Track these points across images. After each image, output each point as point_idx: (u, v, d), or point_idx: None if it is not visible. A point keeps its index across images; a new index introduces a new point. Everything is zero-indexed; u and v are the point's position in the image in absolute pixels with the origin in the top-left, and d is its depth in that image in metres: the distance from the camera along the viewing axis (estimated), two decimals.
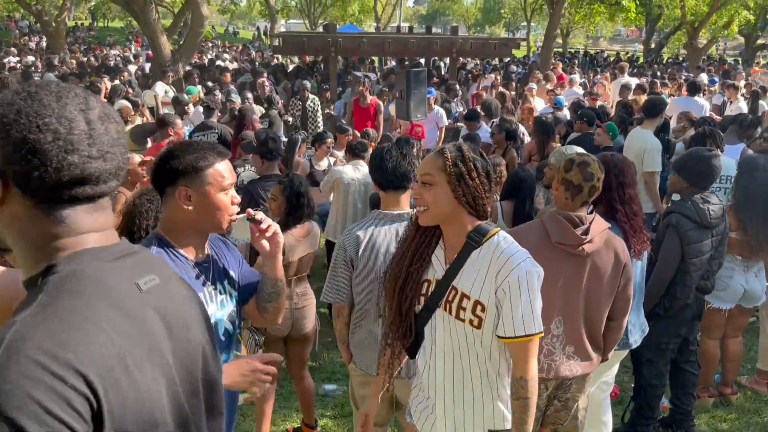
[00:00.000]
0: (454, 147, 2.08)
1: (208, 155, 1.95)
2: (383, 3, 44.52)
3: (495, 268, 2.03)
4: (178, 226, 1.99)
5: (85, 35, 35.44)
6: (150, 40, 13.29)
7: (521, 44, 28.27)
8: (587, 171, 2.75)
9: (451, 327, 2.12)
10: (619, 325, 2.94)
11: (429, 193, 2.04)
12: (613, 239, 2.84)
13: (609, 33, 53.82)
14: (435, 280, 2.15)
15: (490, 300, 2.03)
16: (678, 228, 3.60)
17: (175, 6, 21.96)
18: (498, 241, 2.08)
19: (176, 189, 1.93)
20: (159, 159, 1.99)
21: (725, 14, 21.70)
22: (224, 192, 1.97)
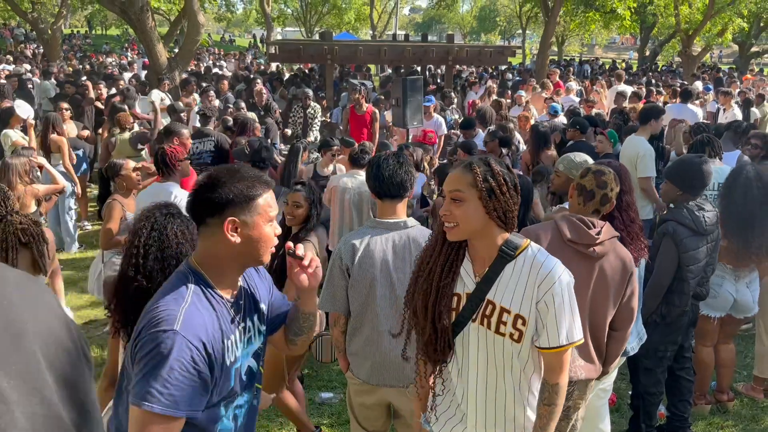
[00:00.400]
0: (482, 161, 2.05)
1: (257, 184, 1.84)
2: (379, 11, 44.64)
3: (535, 282, 2.04)
4: (218, 260, 1.86)
5: (81, 43, 35.47)
6: (146, 48, 13.29)
7: (517, 52, 28.38)
8: (601, 179, 2.83)
9: (488, 341, 2.10)
10: (622, 336, 2.96)
11: (459, 209, 2.01)
12: (621, 249, 2.88)
13: (604, 41, 54.02)
14: (465, 293, 2.12)
15: (531, 313, 2.05)
16: (675, 236, 3.61)
17: (171, 14, 22.01)
18: (534, 254, 2.09)
19: (223, 220, 1.79)
20: (198, 186, 1.84)
21: (719, 22, 21.80)
22: (270, 224, 1.88)
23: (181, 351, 1.67)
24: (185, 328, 1.70)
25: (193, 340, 1.70)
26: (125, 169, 4.82)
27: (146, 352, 1.69)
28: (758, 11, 23.16)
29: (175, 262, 2.34)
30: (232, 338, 1.87)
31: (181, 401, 1.67)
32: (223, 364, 1.82)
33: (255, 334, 2.01)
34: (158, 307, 1.76)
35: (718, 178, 4.82)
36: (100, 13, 35.03)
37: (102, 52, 29.49)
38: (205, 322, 1.77)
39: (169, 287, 1.83)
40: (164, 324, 1.70)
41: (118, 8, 12.80)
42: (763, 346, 4.56)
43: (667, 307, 3.69)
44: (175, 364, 1.66)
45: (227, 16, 43.84)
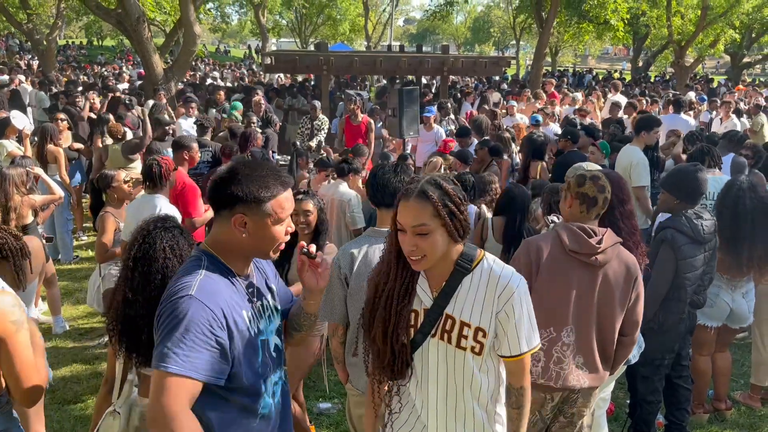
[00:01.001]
0: (432, 185, 1.98)
1: (272, 184, 1.87)
2: (374, 22, 44.84)
3: (494, 293, 2.05)
4: (226, 246, 1.91)
5: (76, 54, 35.47)
6: (142, 59, 13.31)
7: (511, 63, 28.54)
8: (600, 183, 2.86)
9: (448, 355, 2.10)
10: (631, 341, 2.98)
11: (426, 242, 1.96)
12: (625, 254, 2.90)
13: (597, 51, 54.39)
14: (423, 309, 2.10)
15: (491, 325, 2.05)
16: (673, 243, 3.63)
17: (167, 25, 22.04)
18: (490, 265, 2.09)
19: (233, 214, 1.85)
20: (219, 177, 1.91)
21: (711, 33, 22.00)
22: (280, 223, 1.91)
23: (197, 313, 1.71)
24: (201, 293, 1.75)
25: (209, 304, 1.74)
26: (116, 181, 4.81)
27: (164, 318, 1.73)
28: (750, 22, 23.38)
29: (160, 277, 2.35)
30: (251, 311, 1.91)
31: (199, 364, 1.69)
32: (248, 333, 1.86)
33: (273, 312, 2.05)
34: (174, 282, 1.82)
35: (717, 188, 4.85)
36: (95, 24, 35.02)
37: (97, 62, 29.49)
38: (221, 290, 1.82)
39: (183, 268, 1.90)
40: (180, 292, 1.76)
41: (114, 19, 12.83)
42: (759, 354, 4.58)
43: (664, 314, 3.71)
44: (191, 326, 1.69)
45: (222, 27, 44.03)
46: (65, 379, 4.90)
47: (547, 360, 2.83)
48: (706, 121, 12.04)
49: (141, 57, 13.37)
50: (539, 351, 2.79)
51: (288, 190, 1.92)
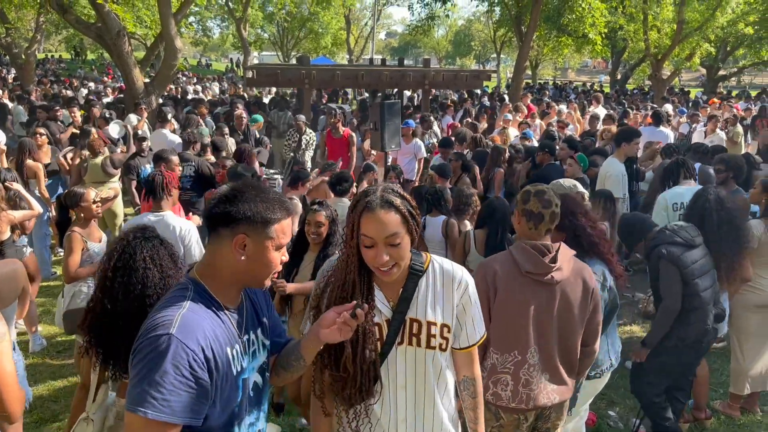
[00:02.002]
0: (391, 194, 1.99)
1: (278, 209, 1.82)
2: (356, 36, 45.11)
3: (451, 288, 2.13)
4: (219, 273, 1.83)
5: (55, 67, 35.22)
6: (123, 73, 13.23)
7: (492, 76, 28.82)
8: (544, 198, 2.84)
9: (417, 359, 2.11)
10: (592, 350, 2.98)
11: (400, 250, 1.98)
12: (580, 266, 2.89)
13: (576, 65, 55.13)
14: (385, 321, 2.09)
15: (453, 320, 2.14)
16: (670, 256, 3.68)
17: (147, 39, 21.96)
18: (440, 263, 2.17)
19: (235, 234, 1.78)
20: (224, 195, 1.83)
21: (687, 47, 22.39)
22: (279, 250, 1.85)
23: (177, 354, 1.63)
24: (182, 332, 1.66)
25: (190, 344, 1.66)
26: (85, 200, 4.66)
27: (142, 356, 1.65)
28: (724, 36, 23.84)
29: (140, 287, 2.33)
30: (236, 348, 1.83)
31: (177, 407, 1.62)
32: (229, 372, 1.78)
33: (259, 348, 1.97)
34: (156, 314, 1.74)
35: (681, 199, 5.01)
36: (75, 38, 34.85)
37: (76, 76, 29.28)
38: (203, 327, 1.73)
39: (168, 297, 1.81)
40: (160, 328, 1.67)
41: (94, 33, 12.76)
42: (738, 363, 4.63)
43: (684, 327, 3.72)
44: (170, 368, 1.61)
45: (204, 41, 44.02)
46: (43, 398, 4.83)
47: (516, 383, 2.82)
48: (685, 133, 12.24)
49: (121, 71, 13.30)
50: (507, 375, 2.83)
51: (290, 218, 1.88)
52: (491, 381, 2.86)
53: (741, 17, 21.53)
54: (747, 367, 4.56)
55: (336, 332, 1.89)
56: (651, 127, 10.08)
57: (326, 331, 1.90)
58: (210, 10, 38.74)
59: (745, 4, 21.82)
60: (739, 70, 31.56)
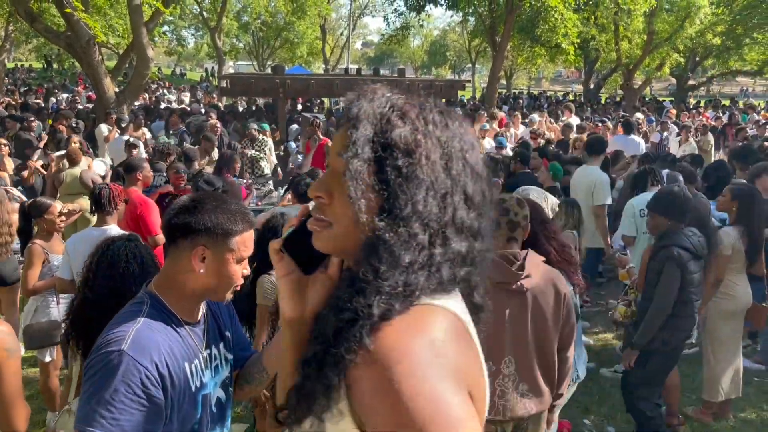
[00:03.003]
0: None
1: (239, 221, 1.78)
2: (331, 45, 45.18)
3: None
4: (177, 286, 1.78)
5: (25, 77, 34.68)
6: (93, 83, 13.05)
7: (467, 85, 29.00)
8: (502, 206, 2.84)
9: None
10: (566, 357, 2.97)
11: None
12: (550, 272, 2.89)
13: (550, 74, 55.81)
14: None
15: None
16: (680, 261, 3.71)
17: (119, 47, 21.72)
18: None
19: (194, 246, 1.73)
20: (183, 206, 1.79)
21: (657, 57, 22.82)
22: (240, 263, 1.80)
23: (128, 372, 1.58)
24: (134, 348, 1.61)
25: (143, 361, 1.61)
26: (51, 213, 4.56)
27: (92, 373, 1.60)
28: (693, 46, 24.33)
29: (120, 280, 2.38)
30: (196, 363, 1.78)
31: (128, 426, 1.56)
32: (187, 388, 1.73)
33: (222, 362, 1.92)
34: (109, 330, 1.69)
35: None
36: (45, 47, 34.36)
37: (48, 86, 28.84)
38: (158, 342, 1.67)
39: (123, 312, 1.76)
40: (112, 345, 1.62)
41: (63, 42, 12.58)
42: (710, 370, 4.66)
43: (671, 332, 3.75)
44: (120, 386, 1.56)
45: (178, 50, 43.69)
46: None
47: (492, 394, 2.80)
48: (657, 142, 12.44)
49: (92, 80, 13.12)
50: None
51: (252, 231, 1.83)
52: None
53: (709, 28, 22.02)
54: (720, 373, 4.59)
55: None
56: (622, 135, 10.22)
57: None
58: (184, 19, 38.53)
59: (713, 15, 22.32)
60: (708, 79, 32.19)
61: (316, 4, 32.96)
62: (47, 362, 4.57)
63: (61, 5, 11.37)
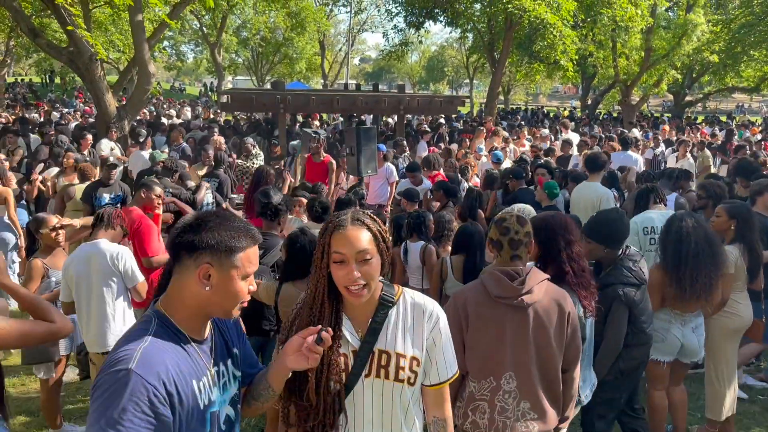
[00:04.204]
0: (362, 215, 2.01)
1: (243, 237, 1.78)
2: (330, 61, 45.42)
3: (422, 321, 2.09)
4: (185, 303, 1.78)
5: (24, 91, 34.76)
6: (94, 98, 13.09)
7: (465, 101, 29.16)
8: (502, 226, 2.85)
9: (384, 392, 2.06)
10: (572, 377, 2.95)
11: (369, 268, 1.95)
12: (554, 290, 2.87)
13: (548, 90, 56.16)
14: (351, 351, 2.05)
15: (423, 353, 2.08)
16: (627, 298, 3.65)
17: (120, 63, 21.83)
18: (412, 296, 2.14)
19: (198, 264, 1.73)
20: (187, 224, 1.80)
21: (655, 74, 22.97)
22: (246, 279, 1.80)
23: (137, 390, 1.58)
24: (142, 367, 1.62)
25: (151, 379, 1.61)
26: (46, 227, 4.54)
27: (100, 392, 1.60)
28: (690, 63, 24.52)
29: None
30: (204, 380, 1.78)
31: None
32: (195, 406, 1.73)
33: (230, 380, 1.93)
34: (117, 348, 1.69)
35: (663, 222, 5.02)
36: (45, 61, 34.51)
37: (47, 100, 28.92)
38: (165, 361, 1.68)
39: (131, 330, 1.77)
40: (120, 364, 1.62)
41: (65, 58, 12.63)
42: (714, 388, 4.64)
43: (626, 362, 3.71)
44: (128, 405, 1.56)
45: (178, 65, 43.90)
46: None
47: (492, 411, 2.79)
48: (650, 158, 12.49)
49: (93, 96, 13.15)
50: (484, 402, 2.80)
51: (256, 247, 1.84)
52: (470, 409, 2.82)
53: (706, 45, 22.18)
54: (723, 392, 4.57)
55: (302, 358, 1.86)
56: (620, 152, 10.25)
57: (292, 357, 1.87)
58: (184, 34, 38.76)
59: (710, 33, 22.51)
60: (705, 96, 32.40)
61: (316, 20, 33.21)
62: (45, 380, 4.54)
63: (64, 22, 11.43)
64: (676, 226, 4.16)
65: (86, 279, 4.21)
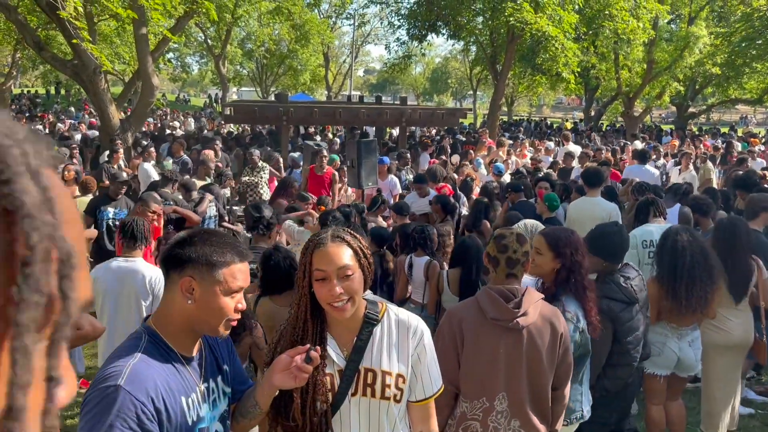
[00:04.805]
0: (342, 231, 2.03)
1: (228, 252, 1.79)
2: (334, 73, 45.60)
3: (407, 337, 2.08)
4: (172, 320, 1.80)
5: (29, 103, 34.97)
6: (98, 110, 13.19)
7: (468, 113, 29.24)
8: (501, 243, 2.82)
9: (371, 411, 2.05)
10: (562, 395, 2.93)
11: (352, 283, 1.94)
12: (548, 310, 2.86)
13: (551, 101, 56.27)
14: (337, 371, 2.04)
15: (408, 370, 2.07)
16: (610, 312, 3.61)
17: (125, 75, 21.98)
18: (396, 313, 2.12)
19: (181, 277, 1.76)
20: (175, 240, 1.84)
21: (657, 86, 23.02)
22: (231, 296, 1.80)
23: (124, 407, 1.60)
24: (130, 383, 1.63)
25: (139, 396, 1.63)
26: None
27: (89, 408, 1.62)
28: (693, 75, 24.55)
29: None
30: (192, 397, 1.80)
31: None
32: (183, 422, 1.74)
33: (219, 396, 1.94)
34: (106, 365, 1.71)
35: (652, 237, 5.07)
36: (51, 73, 34.75)
37: (52, 111, 29.11)
38: (154, 377, 1.70)
39: (121, 347, 1.79)
40: (109, 380, 1.64)
41: (70, 70, 12.74)
42: (708, 404, 4.62)
43: (611, 381, 3.68)
44: (116, 422, 1.57)
45: (182, 77, 44.16)
46: None
47: (484, 430, 2.79)
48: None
49: (97, 108, 13.26)
50: (476, 422, 2.79)
51: (245, 264, 1.85)
52: (461, 428, 2.82)
53: (708, 57, 22.22)
54: (717, 407, 4.56)
55: (290, 377, 1.86)
56: (637, 165, 10.16)
57: (279, 375, 1.87)
58: (189, 46, 38.99)
59: (712, 45, 22.55)
60: (708, 107, 32.41)
61: (320, 32, 33.39)
62: None
63: (69, 35, 11.54)
64: (672, 240, 4.16)
65: (114, 296, 4.11)
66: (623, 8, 17.61)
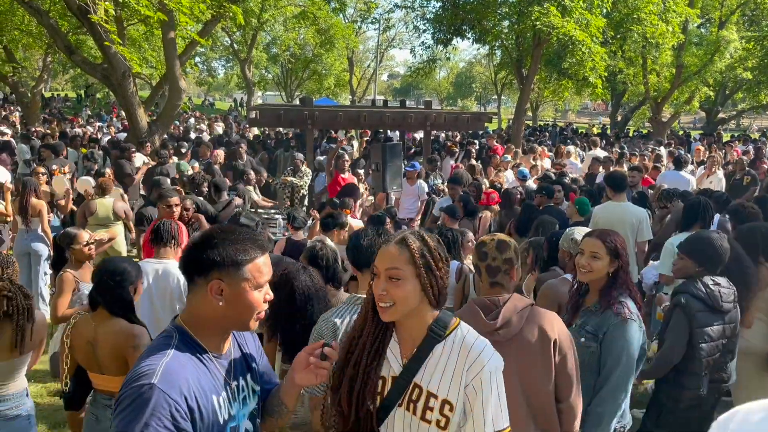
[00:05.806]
0: (416, 236, 1.96)
1: (250, 248, 1.80)
2: (358, 77, 45.72)
3: (464, 365, 1.93)
4: (202, 320, 1.81)
5: (60, 106, 35.64)
6: (127, 113, 13.37)
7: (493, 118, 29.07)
8: (481, 251, 2.73)
9: (411, 427, 1.96)
10: (568, 407, 2.70)
11: (397, 288, 1.89)
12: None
13: (577, 106, 55.75)
14: (391, 377, 1.98)
15: (458, 398, 1.92)
16: (687, 309, 3.51)
17: (152, 78, 22.26)
18: (464, 334, 1.99)
19: (209, 281, 1.76)
20: (193, 243, 1.84)
21: (686, 90, 22.67)
22: (259, 289, 1.82)
23: (159, 405, 1.61)
24: (164, 382, 1.64)
25: (173, 394, 1.64)
26: (78, 242, 4.61)
27: (123, 407, 1.63)
28: (723, 80, 24.15)
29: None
30: (223, 395, 1.80)
31: None
32: (215, 420, 1.75)
33: (249, 394, 1.95)
34: (139, 363, 1.72)
35: None
36: (81, 77, 35.37)
37: (81, 115, 29.61)
38: (187, 376, 1.71)
39: (153, 345, 1.79)
40: (143, 378, 1.65)
41: (99, 74, 12.94)
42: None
43: (678, 390, 3.55)
44: (151, 420, 1.59)
45: (208, 81, 44.64)
46: None
47: None
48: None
49: (125, 111, 13.44)
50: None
51: (266, 255, 1.85)
52: None
53: (739, 62, 21.83)
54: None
55: (310, 374, 1.87)
56: (673, 171, 9.99)
57: (301, 374, 1.88)
58: (215, 51, 39.42)
59: (744, 50, 22.15)
60: (738, 113, 31.86)
61: (344, 36, 33.46)
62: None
63: (99, 38, 11.72)
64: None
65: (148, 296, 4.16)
66: (652, 12, 17.37)
